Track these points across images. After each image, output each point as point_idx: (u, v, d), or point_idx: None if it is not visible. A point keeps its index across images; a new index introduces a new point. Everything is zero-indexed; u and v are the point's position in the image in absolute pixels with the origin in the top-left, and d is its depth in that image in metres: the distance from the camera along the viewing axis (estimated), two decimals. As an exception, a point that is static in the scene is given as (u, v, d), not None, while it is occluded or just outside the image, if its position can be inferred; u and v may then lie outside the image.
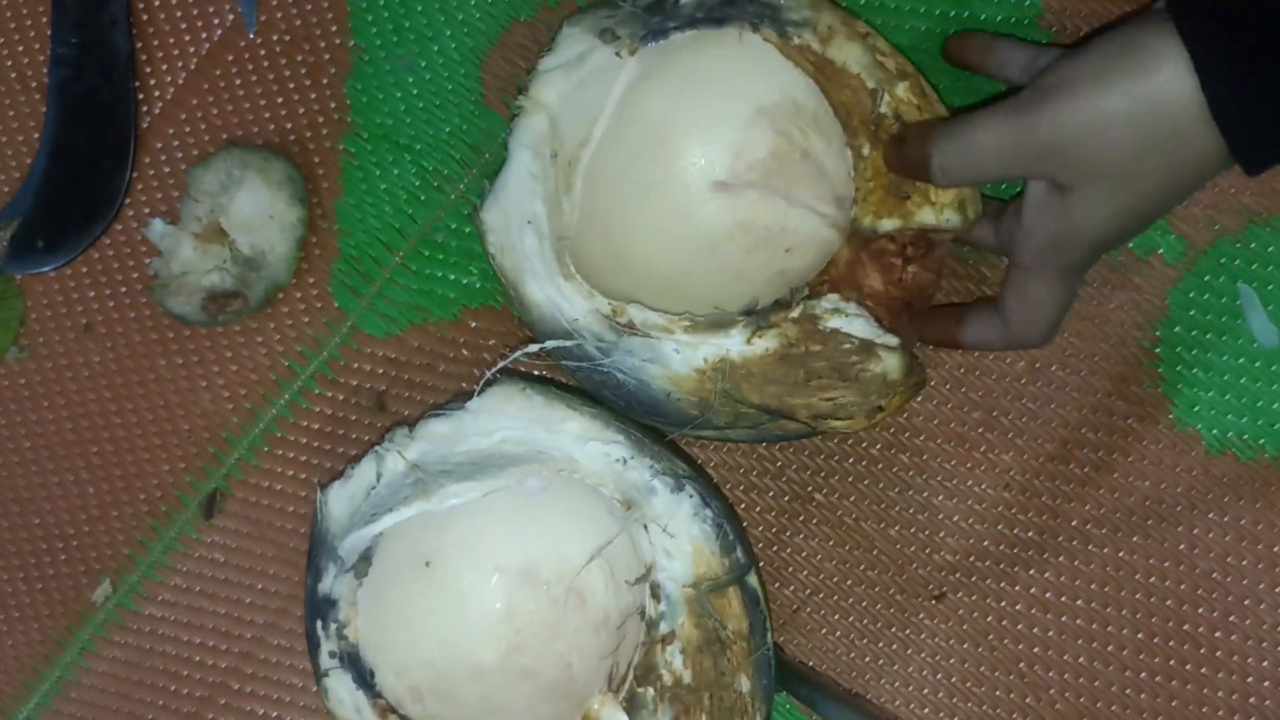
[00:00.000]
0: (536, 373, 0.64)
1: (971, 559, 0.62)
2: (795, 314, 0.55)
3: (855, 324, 0.55)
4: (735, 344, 0.55)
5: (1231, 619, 0.60)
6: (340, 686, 0.58)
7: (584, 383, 0.58)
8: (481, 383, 0.57)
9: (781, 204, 0.60)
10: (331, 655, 0.58)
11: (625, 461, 0.56)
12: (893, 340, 0.55)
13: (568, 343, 0.57)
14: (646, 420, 0.57)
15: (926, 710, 0.62)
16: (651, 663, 0.55)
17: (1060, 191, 0.51)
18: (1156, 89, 0.48)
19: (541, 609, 0.60)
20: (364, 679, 0.57)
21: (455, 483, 0.56)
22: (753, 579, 0.56)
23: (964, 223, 0.56)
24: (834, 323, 0.55)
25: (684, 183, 0.61)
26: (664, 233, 0.61)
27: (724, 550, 0.55)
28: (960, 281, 0.62)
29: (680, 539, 0.55)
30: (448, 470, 0.57)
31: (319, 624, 0.58)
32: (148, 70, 0.67)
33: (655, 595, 0.55)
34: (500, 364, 0.59)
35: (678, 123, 0.60)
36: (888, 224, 0.55)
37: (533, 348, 0.58)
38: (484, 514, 0.58)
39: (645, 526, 0.55)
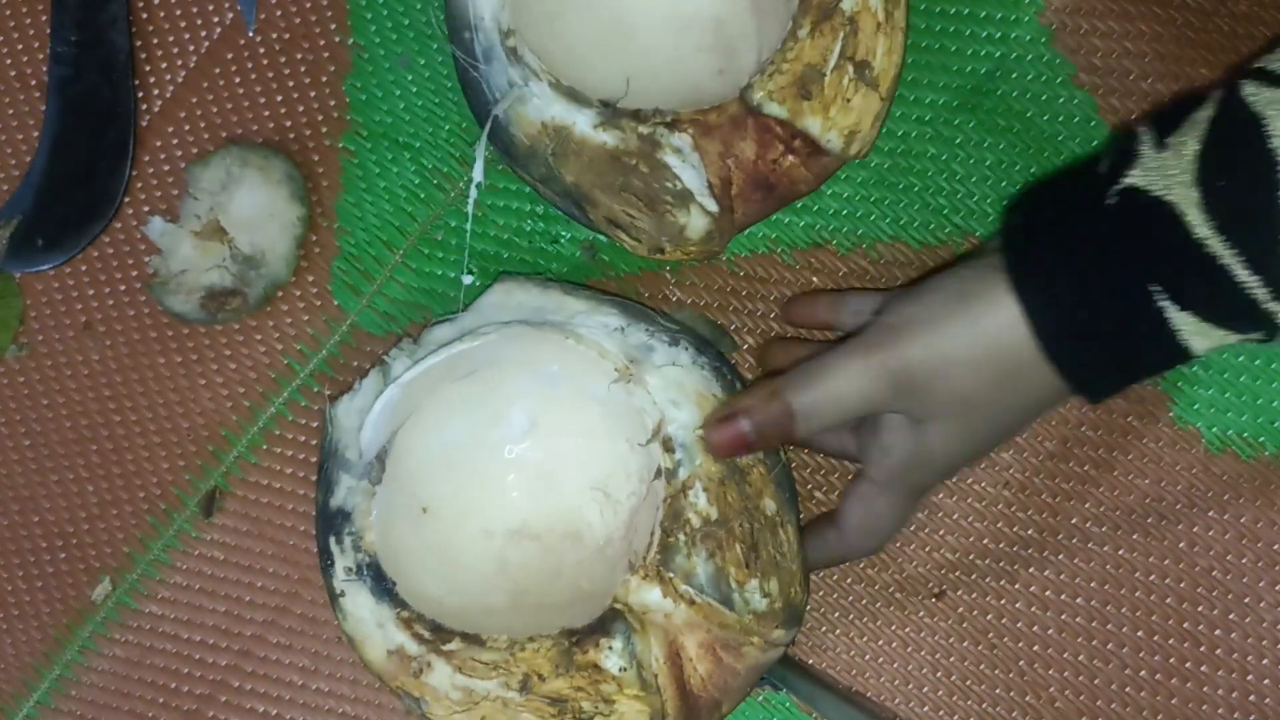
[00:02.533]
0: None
1: (972, 557, 0.62)
2: (644, 129, 0.57)
3: (687, 172, 0.57)
4: (584, 122, 0.58)
5: (1231, 617, 0.60)
6: (359, 604, 0.57)
7: (461, 77, 0.61)
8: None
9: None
10: (348, 570, 0.58)
11: (623, 329, 0.58)
12: (712, 205, 0.57)
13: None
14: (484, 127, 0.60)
15: (927, 708, 0.62)
16: (678, 510, 0.55)
17: (916, 422, 0.53)
18: (991, 334, 0.50)
19: (536, 558, 0.60)
20: (385, 589, 0.57)
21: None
22: None
23: (842, 151, 0.57)
24: (670, 159, 0.57)
25: None
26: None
27: (725, 389, 0.57)
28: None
29: (685, 386, 0.57)
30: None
31: (332, 540, 0.58)
32: (147, 69, 0.67)
33: (669, 448, 0.56)
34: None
35: None
36: (774, 109, 0.57)
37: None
38: (480, 454, 0.60)
39: (647, 389, 0.57)
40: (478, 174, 0.61)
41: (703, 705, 0.55)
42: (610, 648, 0.55)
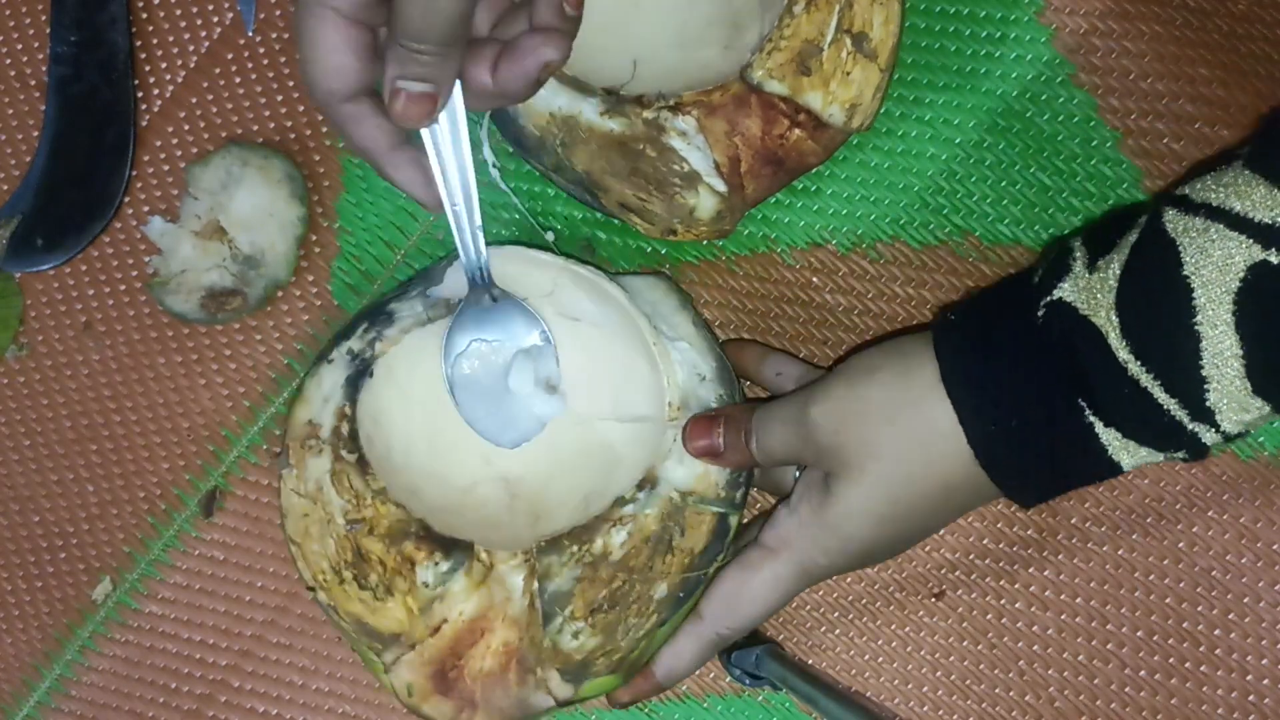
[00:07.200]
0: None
1: (971, 557, 0.62)
2: (648, 115, 0.58)
3: (693, 154, 0.58)
4: (589, 110, 0.59)
5: (1231, 617, 0.60)
6: (330, 376, 0.58)
7: None
8: None
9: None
10: (350, 352, 0.58)
11: (704, 379, 0.57)
12: (720, 185, 0.58)
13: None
14: (496, 123, 0.61)
15: (926, 708, 0.62)
16: (592, 529, 0.56)
17: (825, 479, 0.52)
18: (912, 396, 0.50)
19: (493, 507, 0.60)
20: (354, 385, 0.58)
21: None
22: (733, 520, 0.56)
23: (845, 124, 0.58)
24: (676, 142, 0.58)
25: None
26: None
27: (729, 485, 0.56)
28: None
29: (701, 462, 0.56)
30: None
31: (365, 324, 0.59)
32: (147, 68, 0.67)
33: (641, 486, 0.56)
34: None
35: None
36: (775, 86, 0.57)
37: None
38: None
39: (675, 432, 0.57)
40: (487, 154, 0.61)
41: (458, 693, 0.55)
42: (435, 564, 0.55)
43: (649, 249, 0.64)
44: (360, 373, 0.58)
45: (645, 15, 0.62)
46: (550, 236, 0.64)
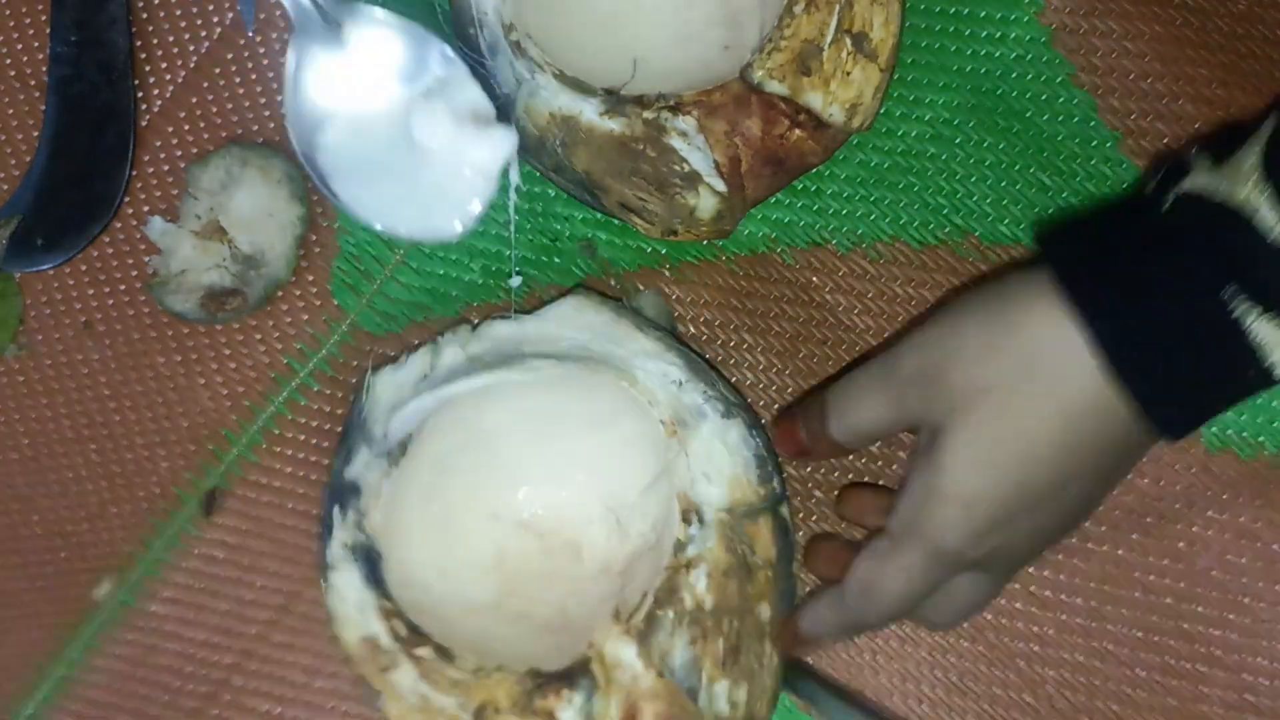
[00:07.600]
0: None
1: (971, 556, 0.62)
2: (648, 115, 0.58)
3: (693, 154, 0.58)
4: (590, 111, 0.58)
5: (1230, 617, 0.60)
6: (346, 583, 0.57)
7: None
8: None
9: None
10: (345, 546, 0.57)
11: (681, 384, 0.57)
12: (720, 185, 0.58)
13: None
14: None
15: (925, 707, 0.62)
16: (674, 585, 0.55)
17: (932, 438, 0.48)
18: (1014, 318, 0.46)
19: (534, 558, 0.60)
20: (374, 576, 0.56)
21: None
22: (784, 509, 0.56)
23: (845, 124, 0.58)
24: (676, 142, 0.58)
25: None
26: None
27: (762, 480, 0.56)
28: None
29: (722, 465, 0.56)
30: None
31: (337, 510, 0.57)
32: (147, 68, 0.67)
33: (688, 519, 0.55)
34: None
35: None
36: (775, 87, 0.57)
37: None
38: (522, 434, 0.59)
39: (686, 453, 0.56)
40: (514, 176, 0.60)
41: None
42: (570, 701, 0.54)
43: (649, 249, 0.64)
44: (372, 563, 0.57)
45: (645, 15, 0.62)
46: (516, 282, 0.64)
